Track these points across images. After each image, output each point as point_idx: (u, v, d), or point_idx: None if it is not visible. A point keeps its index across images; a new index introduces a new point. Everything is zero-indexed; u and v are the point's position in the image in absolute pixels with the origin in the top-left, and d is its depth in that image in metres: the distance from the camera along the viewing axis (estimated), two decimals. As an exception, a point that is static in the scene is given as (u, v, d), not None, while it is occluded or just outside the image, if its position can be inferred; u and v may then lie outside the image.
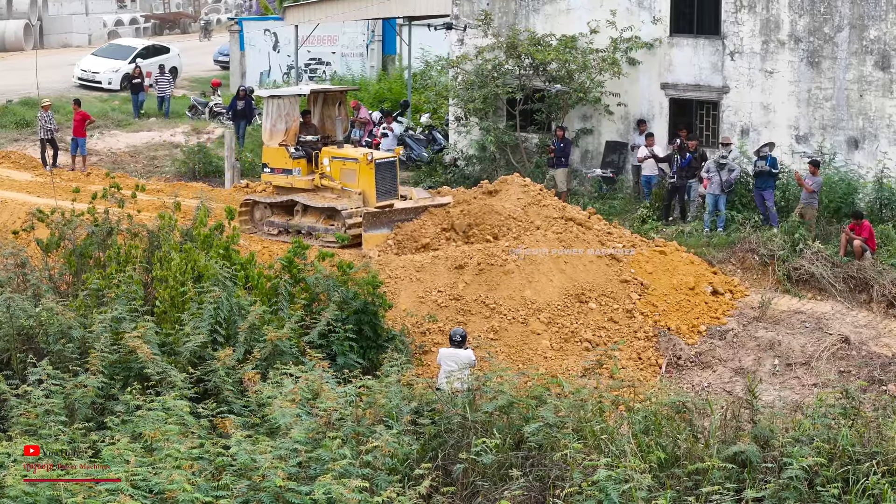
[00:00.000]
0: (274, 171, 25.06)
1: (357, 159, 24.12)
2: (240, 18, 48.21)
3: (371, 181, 23.88)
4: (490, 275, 21.16)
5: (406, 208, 23.66)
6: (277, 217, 24.95)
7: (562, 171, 28.40)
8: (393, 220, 23.26)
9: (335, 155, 24.50)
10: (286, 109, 24.83)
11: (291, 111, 24.83)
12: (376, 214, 23.23)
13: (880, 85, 26.04)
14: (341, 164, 24.35)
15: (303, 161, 24.68)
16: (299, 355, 14.33)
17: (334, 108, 26.07)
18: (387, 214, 23.33)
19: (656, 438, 11.62)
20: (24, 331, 14.48)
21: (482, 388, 12.55)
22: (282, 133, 24.82)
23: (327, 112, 26.12)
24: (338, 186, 24.15)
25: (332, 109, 26.09)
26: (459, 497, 11.04)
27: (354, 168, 24.13)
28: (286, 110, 24.83)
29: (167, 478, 9.57)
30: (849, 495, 10.47)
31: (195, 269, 15.78)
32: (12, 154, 32.44)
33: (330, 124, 26.03)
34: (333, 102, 26.13)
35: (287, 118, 24.83)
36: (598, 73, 28.52)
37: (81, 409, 12.24)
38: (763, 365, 20.26)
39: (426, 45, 38.83)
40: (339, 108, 26.19)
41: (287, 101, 24.92)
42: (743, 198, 26.11)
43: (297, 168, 24.62)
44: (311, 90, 25.69)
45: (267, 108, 25.11)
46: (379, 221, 23.21)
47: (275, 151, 24.89)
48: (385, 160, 24.35)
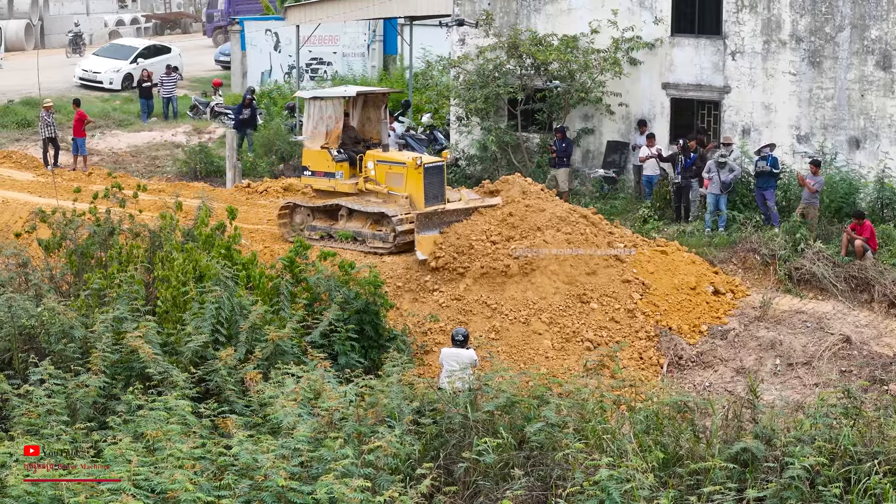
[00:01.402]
0: (315, 175, 24.15)
1: (405, 163, 23.21)
2: (241, 18, 48.20)
3: (419, 186, 22.94)
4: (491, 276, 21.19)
5: (457, 209, 22.76)
6: (320, 222, 24.06)
7: (563, 171, 28.41)
8: (444, 222, 22.40)
9: (380, 158, 23.66)
10: (329, 111, 24.01)
11: (334, 113, 23.96)
12: (428, 216, 22.35)
13: (881, 85, 26.04)
14: (387, 168, 23.46)
15: (345, 164, 23.84)
16: (301, 355, 14.33)
17: (378, 111, 25.22)
18: (438, 216, 22.46)
19: (658, 438, 11.62)
20: (25, 331, 14.49)
21: (484, 387, 12.57)
22: (323, 135, 23.99)
23: (367, 114, 25.24)
24: (384, 190, 23.35)
25: (376, 112, 25.24)
26: (461, 497, 11.04)
27: (402, 172, 23.22)
28: (329, 112, 24.01)
29: (169, 477, 9.57)
30: (850, 495, 10.46)
31: (197, 268, 15.79)
32: (14, 154, 32.44)
33: (370, 127, 25.21)
34: (376, 105, 25.28)
35: (329, 120, 23.98)
36: (600, 72, 28.53)
37: (83, 408, 12.24)
38: (764, 365, 20.26)
39: (427, 45, 38.84)
40: (384, 111, 25.33)
41: (330, 103, 24.08)
42: (744, 198, 26.11)
43: (339, 171, 23.76)
44: (356, 92, 24.62)
45: (308, 110, 24.36)
46: (431, 223, 22.31)
47: (316, 154, 24.05)
48: (433, 164, 23.38)
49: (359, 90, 25.04)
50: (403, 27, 38.43)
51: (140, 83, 39.58)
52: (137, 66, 45.51)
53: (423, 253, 21.80)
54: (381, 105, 25.25)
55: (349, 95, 24.20)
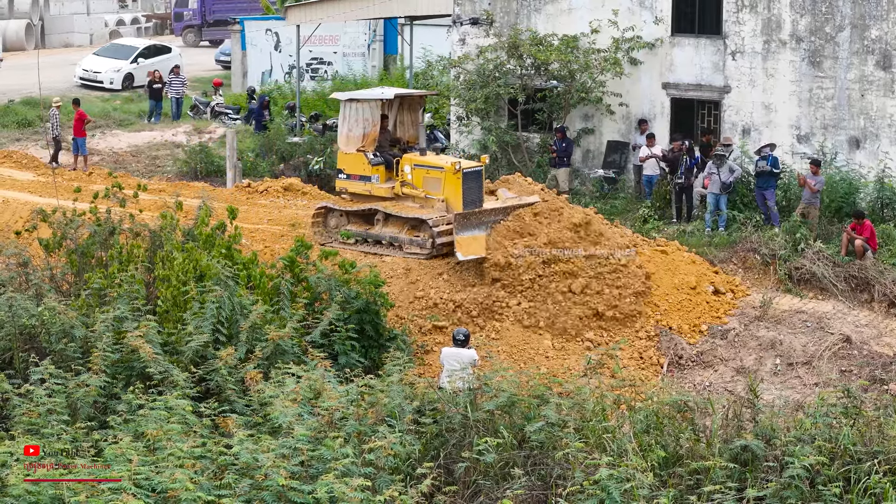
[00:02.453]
0: (350, 178, 23.48)
1: (443, 168, 22.58)
2: (241, 18, 48.22)
3: (457, 191, 22.19)
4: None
5: (495, 209, 22.16)
6: (355, 226, 23.44)
7: (564, 171, 28.42)
8: (483, 222, 21.78)
9: (418, 162, 22.93)
10: (365, 114, 23.44)
11: (371, 116, 23.41)
12: (467, 216, 21.68)
13: (881, 84, 26.05)
14: (424, 173, 22.78)
15: (381, 168, 23.20)
16: (301, 355, 14.35)
17: (415, 114, 24.60)
18: (477, 216, 21.82)
19: (658, 437, 11.63)
20: (26, 330, 14.52)
21: (484, 387, 12.58)
22: (359, 138, 23.42)
23: (402, 117, 24.54)
24: (421, 195, 22.79)
25: (412, 114, 24.60)
26: (461, 496, 11.05)
27: (439, 177, 22.51)
28: (365, 115, 23.44)
29: (170, 477, 9.58)
30: (850, 494, 10.48)
31: (197, 268, 15.81)
32: (14, 154, 32.43)
33: (406, 129, 24.56)
34: (412, 107, 24.63)
35: (366, 123, 23.42)
36: (600, 72, 28.54)
37: (84, 408, 12.26)
38: (764, 364, 20.27)
39: (428, 45, 38.85)
40: (421, 114, 24.78)
41: (366, 105, 23.47)
42: (744, 197, 26.12)
43: (375, 175, 23.15)
44: (394, 94, 23.93)
45: (344, 112, 23.75)
46: (469, 223, 21.63)
47: (351, 157, 23.41)
48: (472, 169, 22.65)
49: (396, 92, 24.43)
50: (404, 27, 38.44)
51: (150, 85, 39.29)
52: (138, 66, 45.54)
53: (464, 254, 21.23)
54: (418, 107, 24.67)
55: (386, 98, 23.65)
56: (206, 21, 59.40)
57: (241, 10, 57.88)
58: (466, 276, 21.29)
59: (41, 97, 34.56)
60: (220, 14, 58.70)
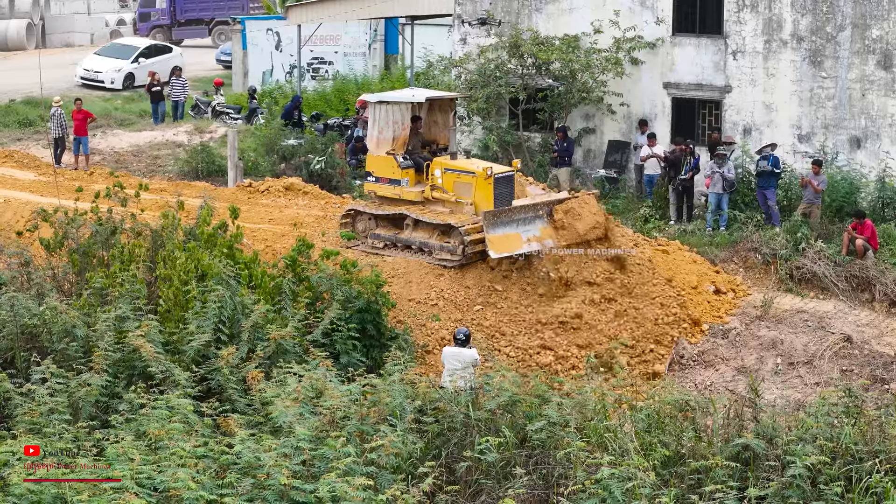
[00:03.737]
0: (379, 181, 23.03)
1: (474, 173, 22.11)
2: (242, 18, 48.22)
3: (489, 196, 21.85)
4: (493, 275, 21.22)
5: (524, 206, 21.83)
6: (383, 230, 22.96)
7: (565, 171, 28.42)
8: (514, 219, 21.43)
9: (448, 167, 22.51)
10: (395, 116, 22.92)
11: (401, 118, 22.88)
12: (496, 214, 21.32)
13: (882, 84, 26.05)
14: (455, 177, 22.32)
15: (411, 171, 22.78)
16: (302, 354, 14.36)
17: (446, 116, 24.06)
18: (507, 213, 21.45)
19: (659, 437, 11.63)
20: (28, 330, 14.52)
21: (485, 386, 12.59)
22: (389, 141, 22.86)
23: (433, 118, 24.15)
24: (451, 199, 22.39)
25: (443, 117, 24.11)
26: (463, 495, 11.05)
27: (470, 182, 22.10)
28: (395, 117, 22.92)
29: (172, 476, 9.59)
30: (852, 493, 10.48)
31: (199, 267, 15.81)
32: (15, 153, 32.42)
33: (437, 132, 24.12)
34: (443, 110, 24.14)
35: (396, 126, 22.89)
36: (601, 72, 28.54)
37: (85, 407, 12.27)
38: (765, 364, 20.28)
39: (428, 45, 38.84)
40: (452, 118, 24.11)
41: (397, 107, 22.94)
42: (745, 197, 26.13)
43: (405, 178, 22.72)
44: (426, 98, 23.56)
45: (374, 115, 23.28)
46: (499, 221, 21.29)
47: (381, 160, 22.91)
48: (504, 174, 22.32)
49: (428, 95, 24.08)
50: (405, 27, 38.43)
51: (150, 87, 39.14)
52: (139, 65, 45.54)
53: (496, 251, 21.00)
54: (449, 110, 24.12)
55: (417, 101, 23.32)
56: (177, 20, 57.49)
57: (216, 8, 57.40)
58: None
59: (43, 97, 34.56)
60: (194, 13, 57.43)
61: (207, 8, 57.17)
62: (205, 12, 57.09)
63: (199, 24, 57.29)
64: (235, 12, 57.62)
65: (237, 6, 58.40)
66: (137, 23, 59.36)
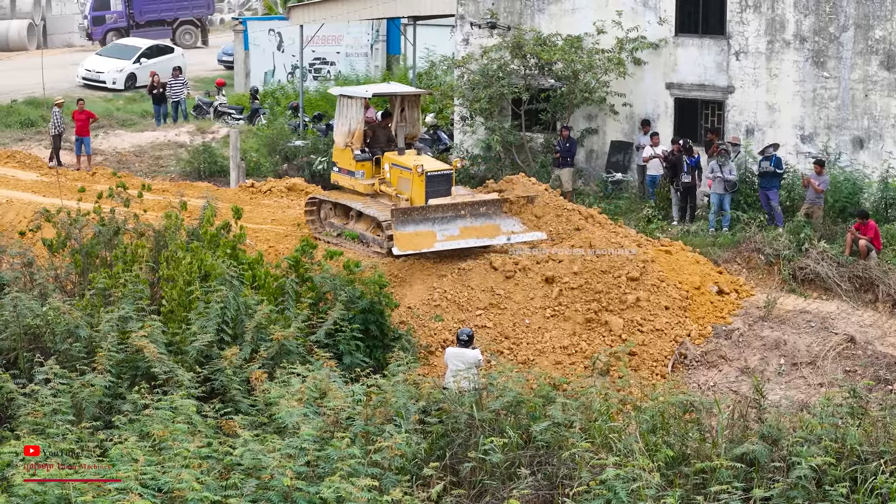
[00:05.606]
0: (341, 172, 24.16)
1: (411, 168, 22.76)
2: (244, 18, 48.20)
3: (421, 193, 22.42)
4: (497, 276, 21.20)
5: (442, 205, 22.19)
6: (337, 219, 24.06)
7: (567, 171, 28.40)
8: (429, 218, 21.90)
9: (394, 162, 23.27)
10: (351, 110, 23.82)
11: (355, 113, 23.71)
12: (406, 212, 21.87)
13: (885, 85, 26.03)
14: (399, 172, 23.09)
15: (368, 164, 23.58)
16: (306, 354, 14.34)
17: (413, 112, 24.56)
18: (419, 212, 21.91)
19: (664, 437, 11.61)
20: (30, 330, 14.49)
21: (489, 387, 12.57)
22: (346, 134, 23.84)
23: (404, 115, 24.51)
24: (393, 193, 23.03)
25: (411, 112, 24.53)
26: (467, 496, 11.02)
27: (409, 177, 22.78)
28: (351, 111, 23.82)
29: (175, 477, 9.57)
30: (857, 494, 10.46)
31: (202, 268, 15.78)
32: (17, 154, 32.42)
33: (403, 128, 24.48)
34: (411, 106, 24.59)
35: (351, 120, 23.77)
36: (604, 73, 28.53)
37: (89, 408, 12.24)
38: (769, 364, 20.26)
39: (431, 45, 38.83)
40: (411, 113, 24.65)
41: (352, 101, 23.86)
42: (748, 197, 26.12)
43: (360, 171, 23.54)
44: (371, 94, 24.40)
45: (337, 107, 24.38)
46: (411, 218, 21.80)
47: (342, 152, 24.02)
48: (438, 172, 22.75)
49: (375, 91, 24.87)
50: (407, 27, 38.41)
51: (151, 89, 39.09)
52: (140, 65, 45.55)
53: (400, 248, 21.46)
54: (415, 106, 24.73)
55: (366, 97, 23.98)
56: (136, 23, 55.63)
57: (179, 8, 56.64)
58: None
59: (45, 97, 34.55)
60: (154, 14, 55.89)
61: (170, 8, 56.27)
62: (167, 13, 56.14)
63: (161, 25, 56.02)
64: (200, 12, 57.28)
65: (202, 5, 57.66)
66: (91, 27, 56.33)
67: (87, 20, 56.91)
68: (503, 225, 22.32)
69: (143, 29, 54.75)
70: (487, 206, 22.43)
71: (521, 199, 23.37)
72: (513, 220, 22.61)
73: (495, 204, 22.52)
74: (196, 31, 57.07)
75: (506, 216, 22.60)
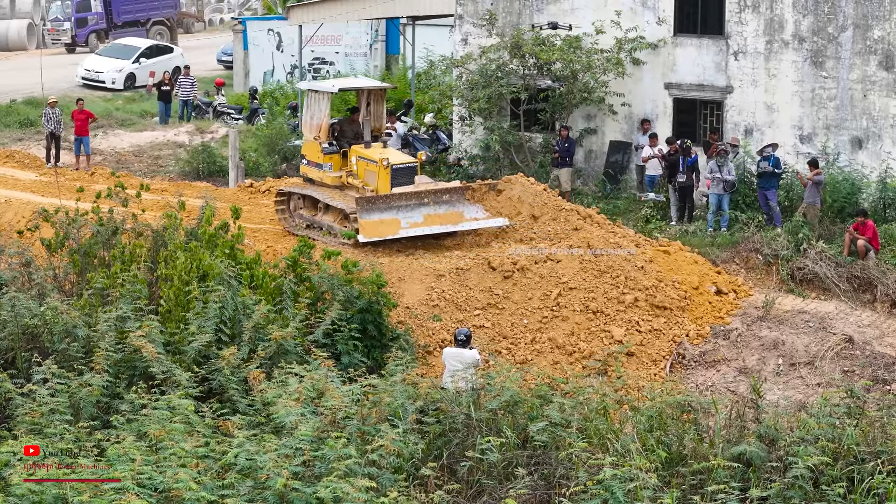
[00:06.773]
0: (309, 164, 24.66)
1: (377, 161, 23.35)
2: (243, 18, 48.18)
3: (387, 185, 23.00)
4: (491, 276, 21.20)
5: (405, 193, 22.73)
6: (305, 211, 24.63)
7: (566, 171, 28.39)
8: (392, 206, 22.49)
9: (361, 155, 23.83)
10: (317, 104, 24.39)
11: (322, 107, 24.28)
12: (371, 200, 22.49)
13: (884, 85, 26.03)
14: (365, 165, 23.65)
15: (336, 157, 24.16)
16: (304, 354, 14.34)
17: (379, 106, 25.13)
18: (383, 200, 22.51)
19: (661, 437, 11.62)
20: (28, 330, 14.50)
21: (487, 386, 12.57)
22: (315, 127, 24.40)
23: (371, 109, 25.01)
24: (360, 186, 23.56)
25: (377, 107, 25.10)
26: (465, 496, 11.04)
27: (375, 170, 23.33)
28: (317, 105, 24.39)
29: (172, 476, 9.57)
30: (854, 494, 10.47)
31: (200, 268, 15.79)
32: (16, 153, 32.43)
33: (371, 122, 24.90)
34: (377, 100, 25.15)
35: (318, 113, 24.35)
36: (603, 73, 28.53)
37: (86, 408, 12.25)
38: (767, 364, 20.27)
39: (430, 45, 38.83)
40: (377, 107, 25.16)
41: (318, 96, 24.46)
42: (746, 197, 26.12)
43: (328, 163, 24.08)
44: (338, 88, 25.07)
45: (305, 101, 25.04)
46: (375, 207, 22.41)
47: (311, 145, 24.54)
48: (403, 165, 23.36)
49: (341, 86, 25.66)
50: (406, 27, 38.41)
51: (159, 86, 39.11)
52: (140, 65, 45.54)
53: (366, 236, 22.12)
54: (381, 100, 25.32)
55: (332, 91, 24.53)
56: (114, 24, 55.52)
57: (154, 8, 56.85)
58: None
59: (44, 97, 34.55)
60: (129, 16, 55.81)
61: (143, 9, 56.36)
62: (141, 13, 56.29)
63: (136, 25, 56.23)
64: (168, 12, 57.50)
65: (169, 5, 57.87)
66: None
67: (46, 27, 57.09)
68: (466, 212, 23.01)
69: (120, 30, 54.92)
70: (450, 193, 23.07)
71: (483, 187, 24.37)
72: (475, 207, 23.30)
73: (458, 191, 23.18)
74: (166, 31, 57.26)
75: (469, 203, 23.28)
